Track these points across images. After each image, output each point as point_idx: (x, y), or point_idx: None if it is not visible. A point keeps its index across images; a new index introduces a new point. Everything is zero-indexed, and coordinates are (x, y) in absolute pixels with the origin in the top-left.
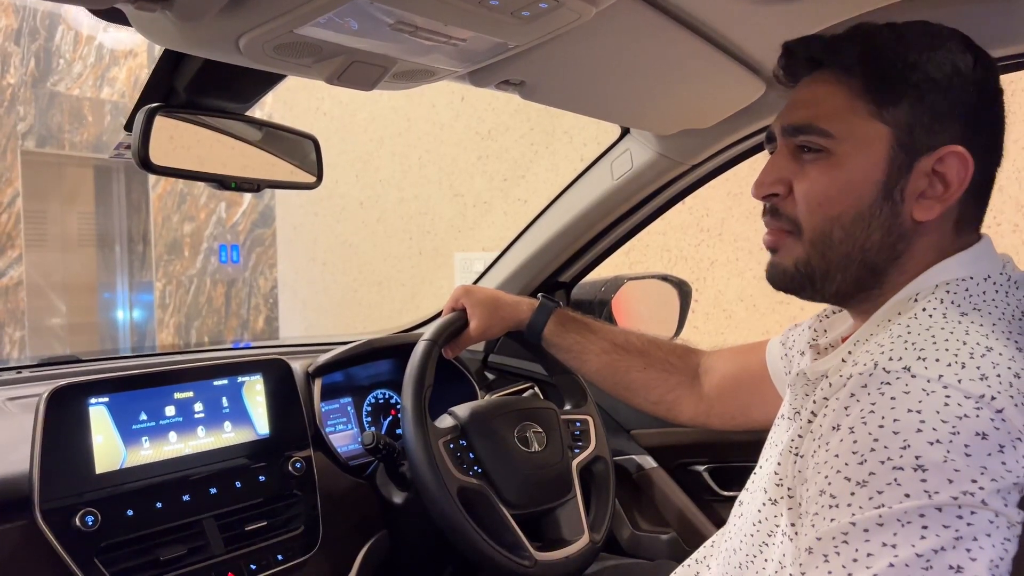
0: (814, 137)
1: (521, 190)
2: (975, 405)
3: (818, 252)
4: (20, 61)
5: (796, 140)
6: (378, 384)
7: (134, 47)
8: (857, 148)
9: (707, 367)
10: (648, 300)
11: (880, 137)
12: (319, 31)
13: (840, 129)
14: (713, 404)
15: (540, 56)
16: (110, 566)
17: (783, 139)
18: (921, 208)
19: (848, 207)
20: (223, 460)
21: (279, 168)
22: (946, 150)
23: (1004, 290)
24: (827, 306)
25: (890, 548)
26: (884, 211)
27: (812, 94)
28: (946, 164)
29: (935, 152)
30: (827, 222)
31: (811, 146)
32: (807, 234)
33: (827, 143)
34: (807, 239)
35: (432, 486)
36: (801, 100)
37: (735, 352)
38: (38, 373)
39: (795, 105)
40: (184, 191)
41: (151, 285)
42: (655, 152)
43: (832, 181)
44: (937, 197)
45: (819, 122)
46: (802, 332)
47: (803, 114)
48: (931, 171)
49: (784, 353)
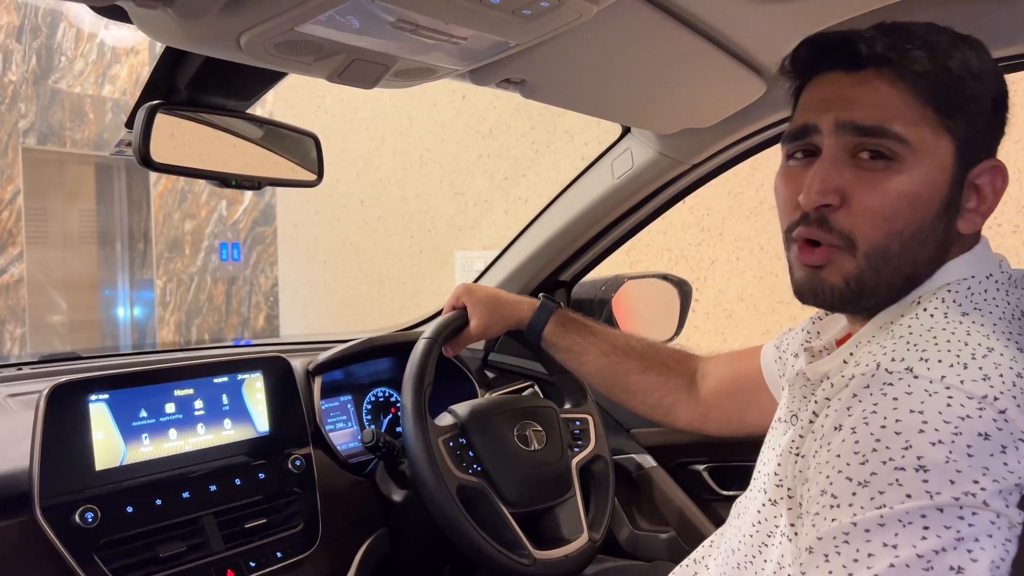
0: (888, 142)
1: (522, 189)
2: (978, 406)
3: (872, 268)
4: (22, 58)
5: (856, 142)
6: (378, 382)
7: (136, 45)
8: (926, 160)
9: (703, 372)
10: (648, 299)
11: (946, 147)
12: (320, 29)
13: (914, 137)
14: (709, 409)
15: (541, 55)
16: (109, 563)
17: (839, 138)
18: (966, 222)
19: (911, 222)
20: (223, 457)
21: (280, 166)
22: (989, 164)
23: (1005, 289)
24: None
25: (891, 548)
26: (941, 225)
27: (875, 95)
28: (985, 177)
29: (980, 165)
30: (888, 237)
31: (881, 151)
32: (863, 248)
33: (901, 150)
34: (862, 254)
35: (431, 484)
36: (863, 99)
37: (730, 357)
38: (39, 370)
39: (856, 103)
40: (185, 189)
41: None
42: (656, 151)
43: (902, 195)
44: (975, 209)
45: (893, 125)
46: (796, 335)
47: (872, 114)
48: (971, 184)
49: (778, 356)
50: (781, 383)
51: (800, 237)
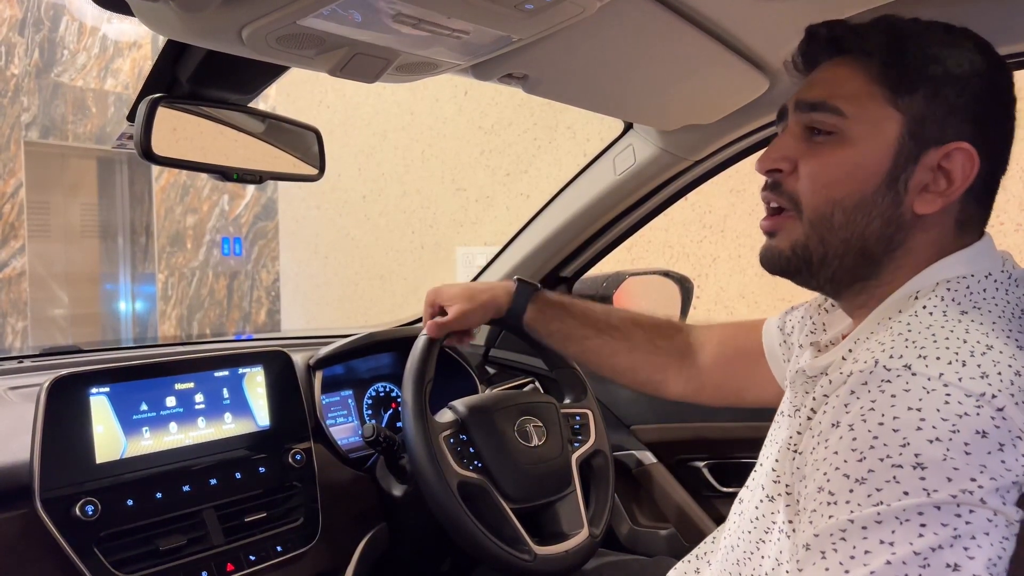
0: (827, 115)
1: (523, 185)
2: (976, 403)
3: (817, 235)
4: (24, 52)
5: (808, 117)
6: (379, 377)
7: (138, 38)
8: (868, 131)
9: (699, 342)
10: (650, 296)
11: (892, 123)
12: (322, 22)
13: (854, 111)
14: (704, 381)
15: (544, 50)
16: (110, 556)
17: (795, 115)
18: (923, 201)
19: (852, 191)
20: (223, 451)
21: (281, 160)
22: (954, 146)
23: (1004, 288)
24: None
25: (888, 546)
26: (886, 200)
27: (831, 75)
28: (952, 160)
29: (943, 147)
30: (829, 204)
31: (822, 127)
32: (807, 214)
33: (839, 123)
34: (807, 220)
35: (432, 479)
36: (819, 80)
37: (729, 328)
38: (40, 363)
39: (812, 84)
40: (187, 183)
41: (153, 277)
42: (658, 147)
43: (839, 163)
44: (940, 192)
45: (834, 100)
46: (801, 319)
47: (819, 92)
48: (937, 166)
49: (783, 340)
50: (785, 368)
51: (764, 202)
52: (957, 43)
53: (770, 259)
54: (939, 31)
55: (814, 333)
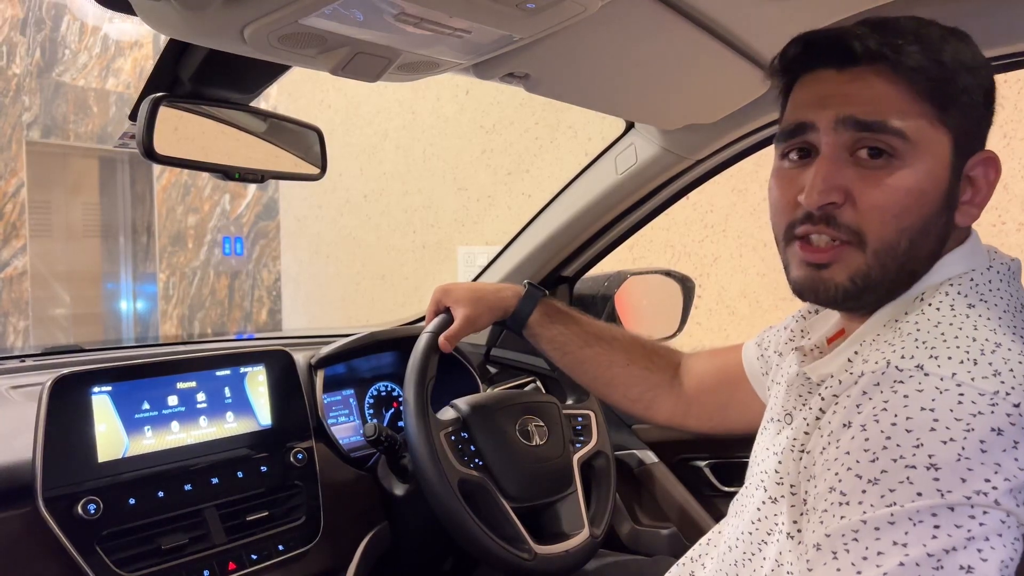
0: (888, 137)
1: (525, 184)
2: (990, 402)
3: (880, 264)
4: (26, 51)
5: (855, 137)
6: (380, 376)
7: (140, 38)
8: (926, 154)
9: (686, 368)
10: (651, 295)
11: (943, 142)
12: (324, 22)
13: (913, 132)
14: (691, 405)
15: (545, 49)
16: (112, 554)
17: (838, 135)
18: (963, 214)
19: (919, 217)
20: (225, 450)
21: (283, 159)
22: (983, 155)
23: (1006, 280)
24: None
25: (901, 547)
26: (943, 219)
27: (871, 90)
28: (979, 169)
29: (974, 157)
30: (898, 233)
31: (881, 147)
32: (872, 245)
33: (900, 145)
34: (871, 250)
35: (433, 478)
36: (859, 95)
37: (713, 354)
38: (42, 362)
39: (852, 99)
40: (188, 183)
41: (155, 276)
42: (659, 147)
43: (908, 191)
44: (969, 201)
45: (892, 122)
46: (778, 332)
47: (872, 110)
48: (966, 176)
49: (760, 354)
50: (764, 381)
51: (805, 234)
52: (970, 48)
53: (822, 292)
54: (955, 36)
55: (793, 340)
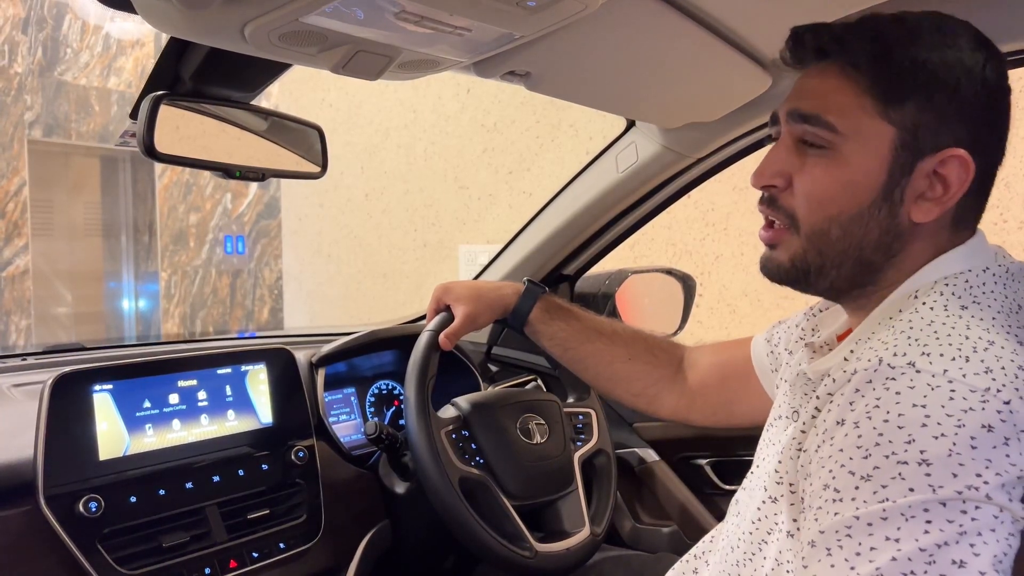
0: (820, 130)
1: (526, 183)
2: (981, 398)
3: (814, 248)
4: (27, 50)
5: (800, 129)
6: (381, 375)
7: (141, 37)
8: (861, 147)
9: (690, 362)
10: (652, 294)
11: (885, 137)
12: (325, 20)
13: (846, 126)
14: (695, 399)
15: (546, 47)
16: (113, 552)
17: (788, 125)
18: (920, 210)
19: (847, 207)
20: (226, 448)
21: (284, 158)
22: (948, 153)
23: (1003, 282)
24: (818, 300)
25: (893, 542)
26: (883, 211)
27: (821, 85)
28: (947, 167)
29: (937, 154)
30: (825, 220)
31: (815, 141)
32: (804, 229)
33: (832, 138)
34: (804, 234)
35: (434, 476)
36: (810, 89)
37: (719, 347)
38: (43, 360)
39: (803, 93)
40: (190, 181)
41: (156, 275)
42: (660, 145)
43: (834, 180)
44: (936, 199)
45: (826, 115)
46: (788, 329)
47: (811, 104)
48: (932, 172)
49: (770, 350)
50: (773, 377)
51: (763, 215)
52: (948, 42)
53: (770, 269)
54: (929, 31)
55: (804, 337)
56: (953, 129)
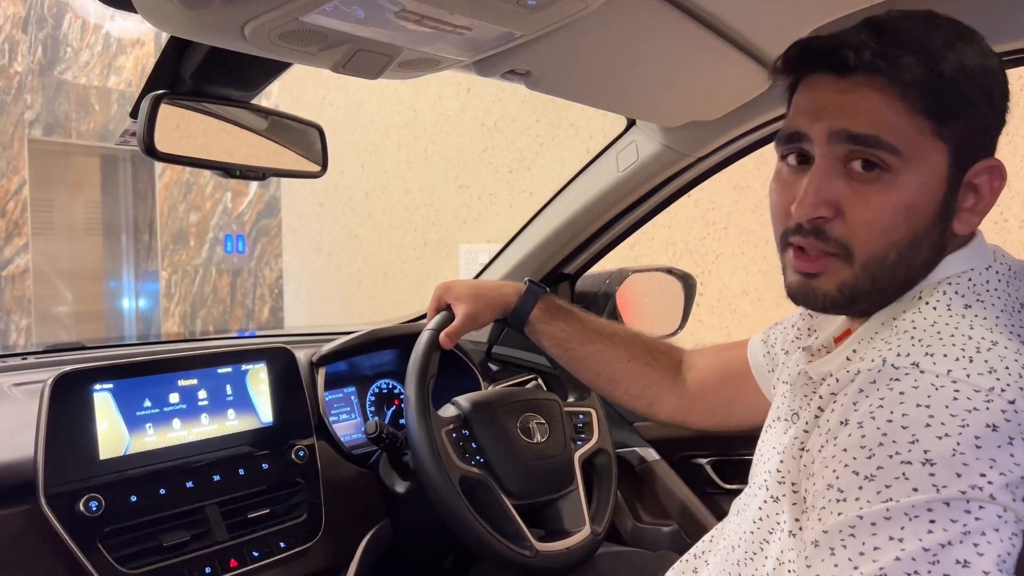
0: (881, 152)
1: (526, 182)
2: (985, 398)
3: (868, 276)
4: (27, 49)
5: (847, 150)
6: (382, 374)
7: (141, 36)
8: (920, 168)
9: (689, 364)
10: (653, 293)
11: (940, 156)
12: (325, 19)
13: (907, 147)
14: (694, 401)
15: (546, 46)
16: (113, 551)
17: (831, 147)
18: (961, 222)
19: (908, 232)
20: (226, 447)
21: (284, 157)
22: (986, 164)
23: (1005, 280)
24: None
25: (897, 542)
26: (937, 230)
27: (867, 103)
28: (981, 176)
29: (976, 166)
30: (886, 248)
31: (873, 161)
32: (860, 259)
33: (894, 160)
34: (859, 263)
35: (434, 475)
36: (853, 107)
37: (717, 350)
38: (43, 359)
39: (847, 111)
40: (190, 181)
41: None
42: (661, 144)
43: (896, 206)
44: (971, 208)
45: (887, 136)
46: (784, 330)
47: (865, 123)
48: (967, 183)
49: (766, 351)
50: (770, 378)
51: (795, 244)
52: (977, 49)
53: (810, 298)
54: (962, 40)
55: (800, 339)
56: (987, 139)
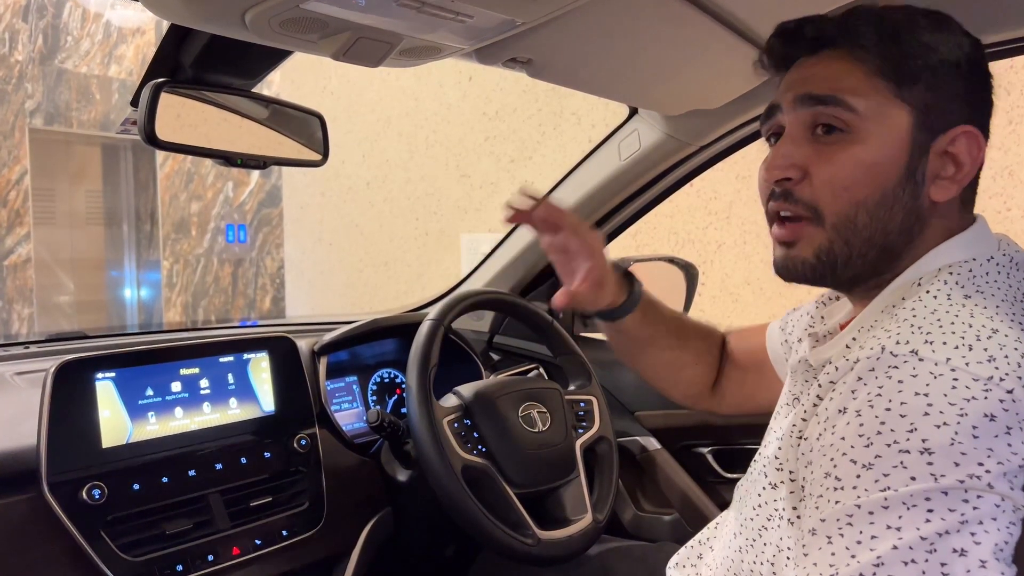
0: (839, 111)
1: (528, 171)
2: (983, 387)
3: (841, 239)
4: (28, 38)
5: (812, 113)
6: (383, 363)
7: (142, 25)
8: (881, 128)
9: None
10: (654, 282)
11: (902, 117)
12: (325, 6)
13: (865, 106)
14: (724, 389)
15: (548, 34)
16: (116, 539)
17: (797, 111)
18: (938, 189)
19: (874, 190)
20: (229, 436)
21: (285, 145)
22: (959, 130)
23: (1007, 271)
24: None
25: (894, 531)
26: (907, 192)
27: (828, 70)
28: (958, 145)
29: (949, 132)
30: (852, 207)
31: (833, 124)
32: (830, 220)
33: (852, 119)
34: (830, 225)
35: (436, 464)
36: (816, 74)
37: (741, 335)
38: (45, 348)
39: (810, 78)
40: (191, 170)
41: (158, 264)
42: (663, 133)
43: (857, 163)
44: (951, 177)
45: (845, 96)
46: (801, 317)
47: (823, 86)
48: (944, 152)
49: (784, 339)
50: (786, 366)
51: (772, 212)
52: (943, 28)
53: (792, 269)
54: (924, 18)
55: (812, 325)
56: (959, 108)
